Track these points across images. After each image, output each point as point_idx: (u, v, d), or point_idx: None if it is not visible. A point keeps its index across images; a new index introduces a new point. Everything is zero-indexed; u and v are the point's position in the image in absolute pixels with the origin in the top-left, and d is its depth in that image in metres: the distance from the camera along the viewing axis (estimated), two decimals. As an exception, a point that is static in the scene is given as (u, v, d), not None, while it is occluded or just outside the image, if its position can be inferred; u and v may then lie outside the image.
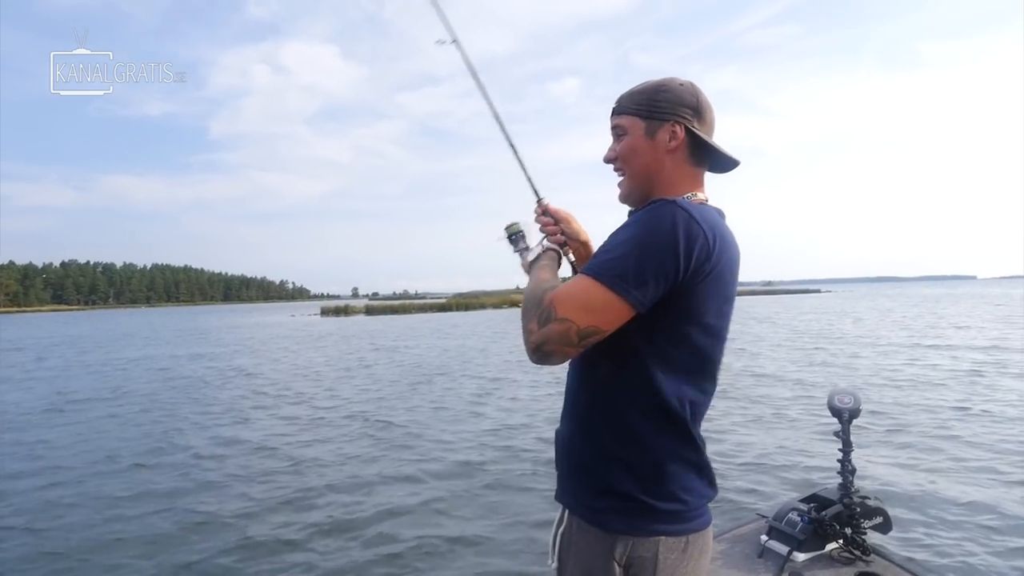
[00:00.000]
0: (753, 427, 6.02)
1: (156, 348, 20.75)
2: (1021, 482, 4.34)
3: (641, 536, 1.06)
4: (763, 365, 10.65)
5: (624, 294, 0.99)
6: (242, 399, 9.53)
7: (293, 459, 5.77)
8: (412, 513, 4.30)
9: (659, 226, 1.00)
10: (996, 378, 9.10)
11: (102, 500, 4.69)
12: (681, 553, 1.07)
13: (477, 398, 8.95)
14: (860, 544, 2.28)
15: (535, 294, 1.08)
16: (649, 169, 1.16)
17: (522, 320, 1.07)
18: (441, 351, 16.81)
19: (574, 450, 1.16)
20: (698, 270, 1.01)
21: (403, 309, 56.41)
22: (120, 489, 4.96)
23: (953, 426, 6.08)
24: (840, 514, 2.31)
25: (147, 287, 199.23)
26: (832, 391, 2.39)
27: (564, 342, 1.00)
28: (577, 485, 1.15)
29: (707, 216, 1.05)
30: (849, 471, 2.33)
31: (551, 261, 1.27)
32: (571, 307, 1.00)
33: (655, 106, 1.14)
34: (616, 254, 1.01)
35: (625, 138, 1.17)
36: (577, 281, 1.03)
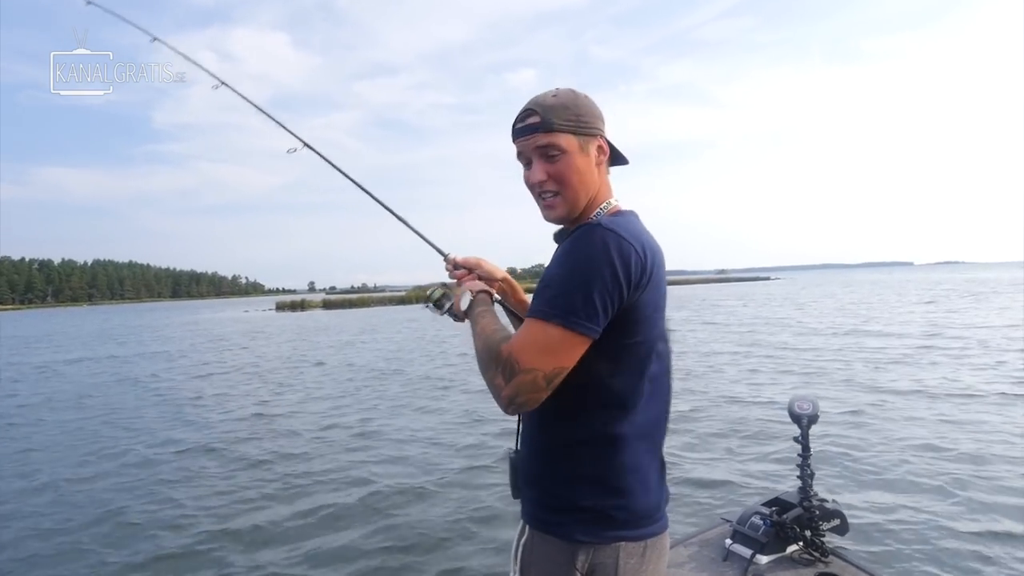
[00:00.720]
0: (714, 432, 6.08)
1: (74, 351, 19.84)
2: (964, 477, 4.53)
3: (602, 543, 1.08)
4: (723, 369, 10.86)
5: (578, 328, 1.00)
6: (187, 400, 9.19)
7: (233, 461, 5.59)
8: (365, 518, 4.21)
9: (592, 254, 1.02)
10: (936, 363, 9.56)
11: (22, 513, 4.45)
12: (640, 558, 1.10)
13: (440, 393, 8.87)
14: (819, 546, 2.34)
15: (489, 347, 1.08)
16: (588, 186, 1.15)
17: (484, 375, 1.07)
18: (397, 346, 16.61)
19: (535, 475, 1.17)
20: (638, 285, 1.03)
21: (362, 303, 55.60)
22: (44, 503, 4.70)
23: (900, 423, 6.30)
24: (800, 517, 2.36)
25: (88, 284, 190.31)
26: (792, 398, 2.44)
27: (534, 390, 1.02)
28: (538, 503, 1.16)
29: (631, 229, 1.07)
30: (809, 475, 2.37)
31: (487, 305, 1.25)
32: (532, 355, 1.01)
33: (583, 121, 1.13)
34: (558, 291, 1.02)
35: (563, 158, 1.12)
36: (529, 327, 1.04)
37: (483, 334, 1.14)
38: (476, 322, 1.19)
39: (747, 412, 6.83)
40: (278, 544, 3.86)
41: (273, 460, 5.79)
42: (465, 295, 1.28)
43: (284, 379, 11.44)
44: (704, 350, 12.43)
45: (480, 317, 1.20)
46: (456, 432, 6.63)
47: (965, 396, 7.11)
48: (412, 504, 4.45)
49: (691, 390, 8.09)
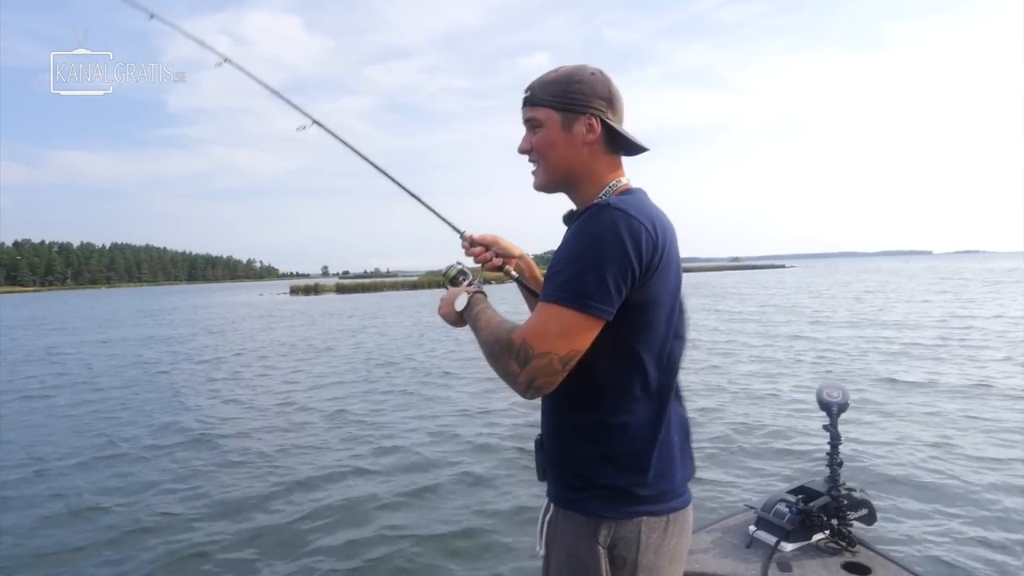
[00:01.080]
0: (734, 420, 6.02)
1: (114, 330, 20.12)
2: (1000, 468, 4.45)
3: (624, 518, 1.09)
4: (750, 353, 10.78)
5: (591, 311, 1.00)
6: (200, 385, 9.30)
7: (262, 450, 5.65)
8: (392, 505, 4.22)
9: (603, 235, 1.01)
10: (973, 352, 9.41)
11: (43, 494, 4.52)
12: (663, 532, 1.11)
13: (449, 382, 8.90)
14: (846, 535, 2.30)
15: (499, 338, 1.08)
16: (568, 162, 1.16)
17: (496, 366, 1.08)
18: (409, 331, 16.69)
19: (556, 457, 1.18)
20: (650, 264, 1.03)
21: (374, 287, 55.97)
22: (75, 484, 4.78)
23: (935, 410, 6.19)
24: (827, 505, 2.32)
25: (107, 267, 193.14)
26: (821, 385, 2.39)
27: (550, 373, 1.02)
28: (560, 483, 1.17)
29: (642, 208, 1.07)
30: (837, 463, 2.33)
31: (484, 304, 1.23)
32: (546, 339, 1.01)
33: (571, 99, 1.13)
34: (570, 274, 1.02)
35: (541, 131, 1.16)
36: (541, 312, 1.04)
37: (488, 327, 1.13)
38: (478, 319, 1.18)
39: (767, 400, 6.79)
40: (285, 537, 3.88)
41: (285, 449, 5.84)
42: (461, 297, 1.25)
43: (299, 365, 11.54)
44: (719, 338, 12.35)
45: (481, 314, 1.19)
46: (467, 424, 6.65)
47: (986, 388, 6.99)
48: (448, 494, 4.46)
49: (708, 379, 8.04)
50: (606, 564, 1.09)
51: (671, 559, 1.13)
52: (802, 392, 6.99)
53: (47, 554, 3.59)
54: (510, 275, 1.39)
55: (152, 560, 3.48)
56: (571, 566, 1.12)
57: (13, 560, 3.52)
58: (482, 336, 1.13)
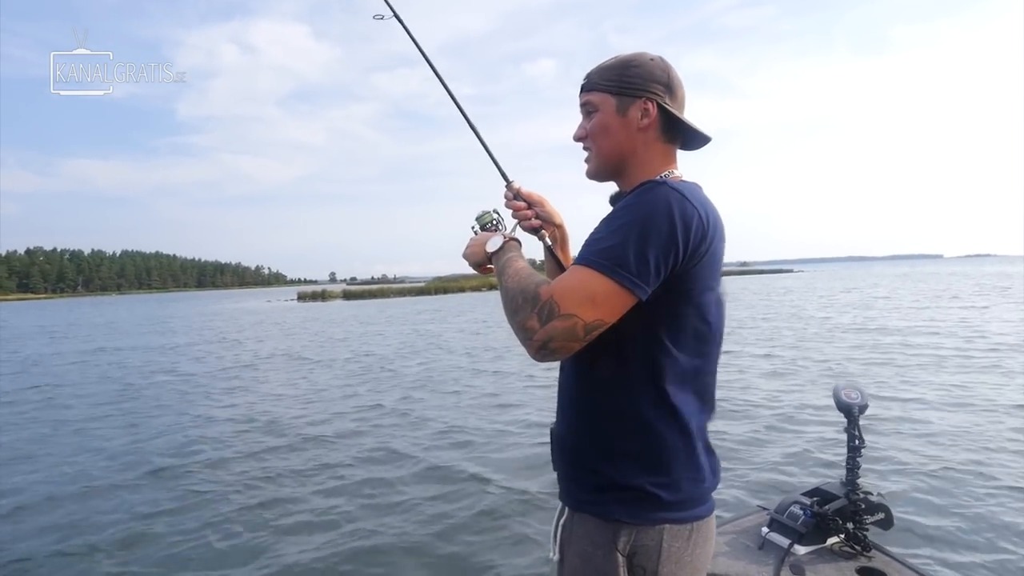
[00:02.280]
0: (751, 418, 5.98)
1: (127, 339, 20.20)
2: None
3: (645, 525, 1.03)
4: (753, 358, 10.70)
5: (626, 283, 0.95)
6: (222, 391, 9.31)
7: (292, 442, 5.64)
8: (402, 509, 4.19)
9: (653, 210, 0.97)
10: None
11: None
12: (686, 541, 1.05)
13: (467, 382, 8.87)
14: (861, 540, 2.26)
15: (525, 288, 1.01)
16: (622, 148, 1.12)
17: (513, 317, 1.00)
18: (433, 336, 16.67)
19: (575, 449, 1.12)
20: (695, 252, 0.98)
21: (382, 293, 56.00)
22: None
23: (949, 418, 6.09)
24: (843, 509, 2.28)
25: (117, 274, 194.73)
26: (837, 385, 2.34)
27: (570, 338, 0.96)
28: (579, 483, 1.11)
29: (698, 195, 1.03)
30: (855, 466, 2.29)
31: (517, 252, 1.16)
32: (574, 301, 0.95)
33: (626, 82, 1.10)
34: (612, 242, 0.97)
35: (596, 115, 1.13)
36: (575, 273, 0.98)
37: (517, 276, 1.06)
38: (508, 265, 1.11)
39: (780, 402, 6.71)
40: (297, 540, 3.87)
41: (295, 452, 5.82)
42: (495, 239, 1.18)
43: (306, 374, 11.54)
44: (731, 339, 12.25)
45: (512, 261, 1.12)
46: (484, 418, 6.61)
47: (1011, 396, 6.87)
48: (459, 499, 4.41)
49: (722, 380, 7.95)
50: (625, 573, 1.03)
51: (693, 570, 1.07)
52: (816, 392, 6.92)
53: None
54: (544, 241, 1.30)
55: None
56: (587, 573, 1.06)
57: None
58: (508, 283, 1.06)
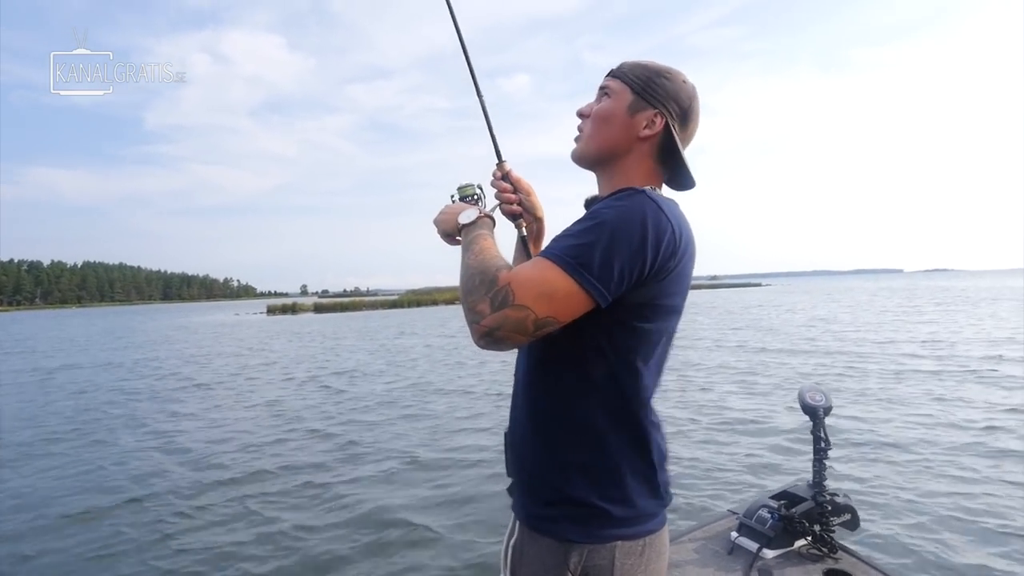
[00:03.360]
0: (715, 426, 6.04)
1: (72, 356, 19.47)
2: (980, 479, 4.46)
3: (597, 543, 1.00)
4: (726, 360, 10.84)
5: (587, 285, 0.92)
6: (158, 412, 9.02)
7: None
8: (339, 528, 3.99)
9: (628, 217, 0.94)
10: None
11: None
12: (639, 557, 1.02)
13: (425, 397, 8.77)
14: (828, 541, 2.27)
15: (485, 269, 0.97)
16: (614, 143, 1.10)
17: (467, 296, 0.97)
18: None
19: (526, 456, 1.08)
20: (663, 266, 0.96)
21: (354, 306, 55.38)
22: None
23: (912, 421, 6.23)
24: (810, 511, 2.29)
25: (78, 286, 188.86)
26: (802, 388, 2.36)
27: (519, 330, 0.92)
28: (529, 493, 1.08)
29: (675, 211, 1.01)
30: (821, 468, 2.31)
31: (488, 230, 1.12)
32: (531, 294, 0.92)
33: (650, 87, 1.08)
34: (581, 240, 0.94)
35: (607, 100, 1.11)
36: (538, 265, 0.95)
37: (481, 255, 1.02)
38: (475, 241, 1.07)
39: (747, 405, 6.80)
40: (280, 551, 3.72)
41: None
42: (470, 211, 1.13)
43: (271, 393, 11.29)
44: (703, 347, 12.41)
45: (481, 238, 1.07)
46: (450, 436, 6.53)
47: (967, 398, 7.09)
48: (408, 516, 4.29)
49: (691, 384, 8.04)
50: None
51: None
52: (780, 394, 7.02)
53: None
54: (519, 230, 1.25)
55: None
56: None
57: None
58: (470, 260, 1.02)
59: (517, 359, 1.15)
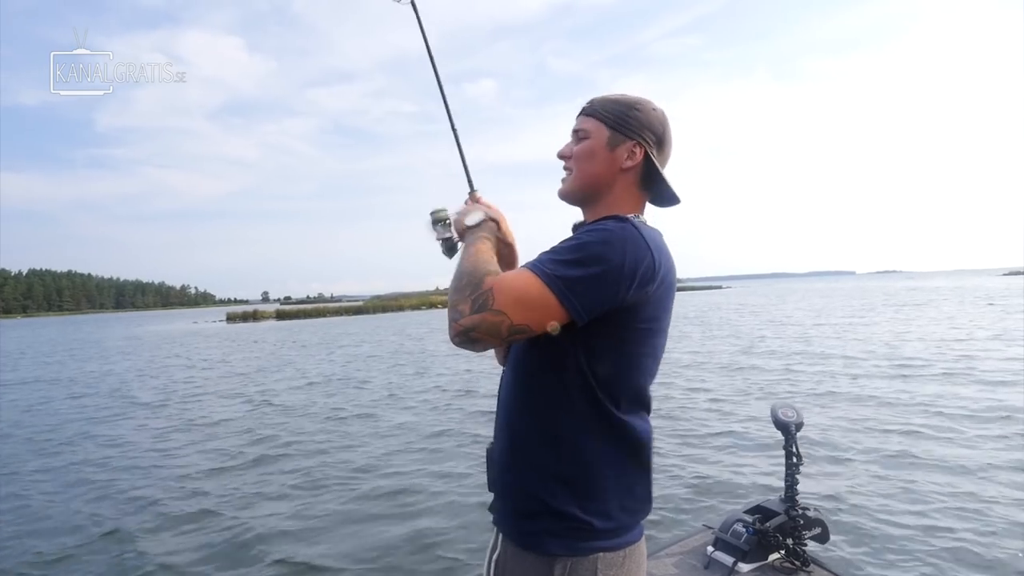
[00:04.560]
0: (693, 440, 6.07)
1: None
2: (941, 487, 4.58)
3: (579, 555, 1.03)
4: (699, 376, 10.98)
5: (564, 301, 0.97)
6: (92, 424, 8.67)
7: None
8: (312, 539, 3.96)
9: (610, 240, 1.00)
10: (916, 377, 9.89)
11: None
12: (619, 568, 1.06)
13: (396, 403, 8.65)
14: (801, 555, 2.32)
15: (474, 272, 1.02)
16: (599, 179, 1.15)
17: (454, 295, 1.02)
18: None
19: (510, 470, 1.12)
20: (642, 291, 1.01)
21: (317, 313, 54.52)
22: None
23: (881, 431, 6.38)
24: (783, 525, 2.34)
25: (23, 295, 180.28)
26: (774, 405, 2.42)
27: (493, 334, 0.97)
28: (512, 507, 1.11)
29: (656, 240, 1.06)
30: (793, 482, 2.36)
31: (491, 234, 1.18)
32: (509, 300, 0.97)
33: (624, 121, 1.14)
34: (564, 257, 1.00)
35: (586, 141, 1.16)
36: (521, 275, 1.00)
37: (475, 256, 1.08)
38: (474, 243, 1.13)
39: (720, 420, 6.89)
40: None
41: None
42: (477, 213, 1.20)
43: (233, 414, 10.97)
44: (671, 357, 12.55)
45: (480, 241, 1.14)
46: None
47: (935, 403, 7.33)
48: (386, 530, 4.22)
49: (667, 396, 8.12)
50: None
51: None
52: (755, 407, 7.16)
53: None
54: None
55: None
56: None
57: None
58: (464, 260, 1.08)
59: (501, 376, 1.20)
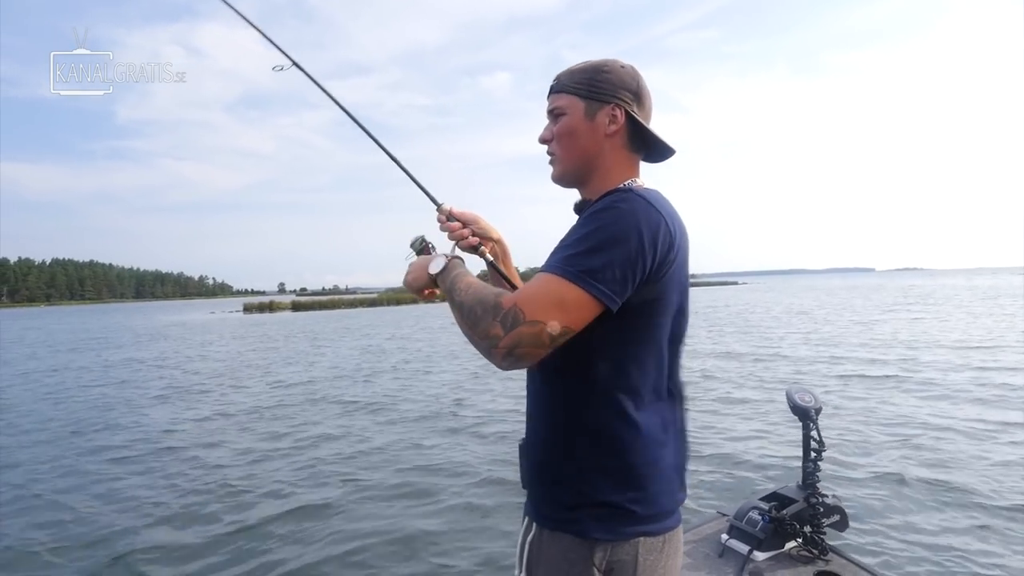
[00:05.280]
0: (707, 425, 5.99)
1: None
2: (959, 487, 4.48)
3: (621, 540, 1.02)
4: (714, 362, 10.88)
5: (593, 290, 0.94)
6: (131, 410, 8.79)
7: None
8: (353, 533, 3.95)
9: (621, 218, 0.96)
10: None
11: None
12: (659, 553, 1.05)
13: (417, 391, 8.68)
14: (819, 543, 2.26)
15: (483, 300, 0.99)
16: (587, 153, 1.11)
17: (473, 330, 0.99)
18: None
19: (546, 465, 1.08)
20: (664, 260, 0.98)
21: (332, 305, 54.85)
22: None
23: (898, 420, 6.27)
24: (800, 512, 2.28)
25: (47, 284, 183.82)
26: (790, 389, 2.35)
27: (536, 344, 0.94)
28: (551, 500, 1.08)
29: (663, 203, 1.03)
30: (811, 468, 2.30)
31: (463, 269, 1.15)
32: (541, 308, 0.94)
33: (596, 87, 1.10)
34: (579, 249, 0.96)
35: (563, 119, 1.12)
36: (541, 281, 0.97)
37: (471, 289, 1.04)
38: (458, 280, 1.09)
39: (735, 403, 6.83)
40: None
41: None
42: (437, 260, 1.16)
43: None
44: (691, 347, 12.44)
45: (461, 277, 1.10)
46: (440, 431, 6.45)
47: (954, 392, 7.19)
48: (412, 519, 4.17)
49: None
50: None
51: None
52: (766, 392, 7.08)
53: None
54: (484, 257, 1.29)
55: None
56: None
57: None
58: (462, 298, 1.04)
59: (528, 371, 1.14)
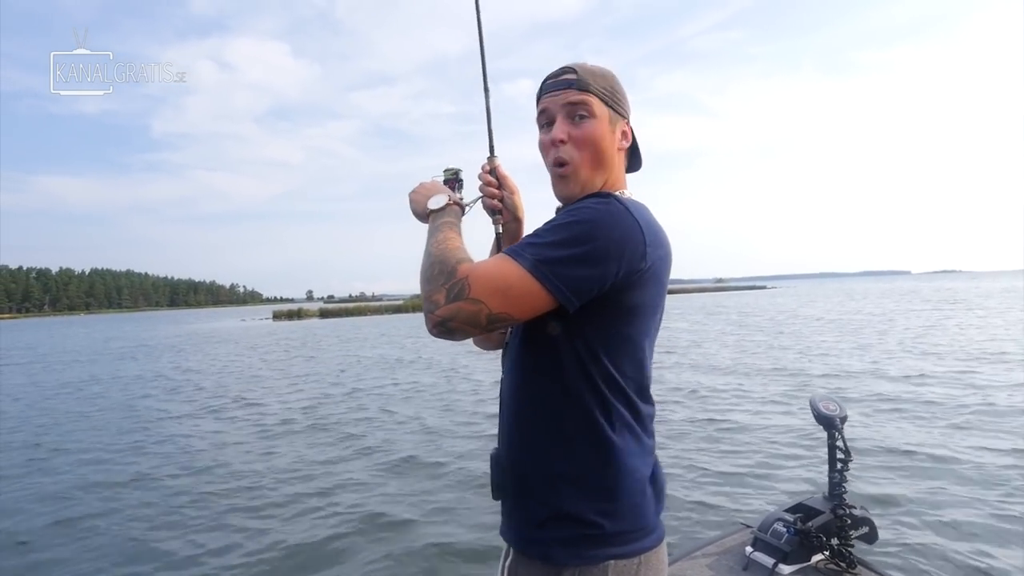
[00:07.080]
0: (726, 438, 5.89)
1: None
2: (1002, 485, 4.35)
3: (589, 564, 0.96)
4: (738, 376, 10.71)
5: (546, 283, 0.91)
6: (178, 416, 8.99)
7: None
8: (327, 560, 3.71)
9: (598, 221, 0.93)
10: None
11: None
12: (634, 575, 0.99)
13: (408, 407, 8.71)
14: (847, 556, 2.20)
15: (445, 260, 0.97)
16: (607, 164, 1.06)
17: (425, 285, 0.96)
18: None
19: (515, 474, 1.05)
20: (633, 269, 0.94)
21: (359, 311, 55.49)
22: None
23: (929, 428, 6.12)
24: (827, 524, 2.22)
25: (86, 293, 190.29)
26: (814, 398, 2.29)
27: (472, 323, 0.92)
28: (519, 515, 1.05)
29: (644, 214, 0.99)
30: (838, 480, 2.24)
31: (456, 219, 1.10)
32: (487, 289, 0.91)
33: (616, 98, 1.07)
34: (545, 240, 0.93)
35: (591, 122, 1.04)
36: (498, 261, 0.95)
37: (443, 243, 1.01)
38: (439, 229, 1.06)
39: (758, 412, 6.70)
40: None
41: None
42: (440, 196, 1.12)
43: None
44: (702, 351, 12.29)
45: (446, 226, 1.07)
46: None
47: (990, 403, 6.96)
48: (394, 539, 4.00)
49: (699, 393, 7.94)
50: None
51: None
52: (786, 402, 6.92)
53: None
54: (497, 227, 1.22)
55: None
56: None
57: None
58: (431, 248, 1.02)
59: (502, 375, 1.13)
